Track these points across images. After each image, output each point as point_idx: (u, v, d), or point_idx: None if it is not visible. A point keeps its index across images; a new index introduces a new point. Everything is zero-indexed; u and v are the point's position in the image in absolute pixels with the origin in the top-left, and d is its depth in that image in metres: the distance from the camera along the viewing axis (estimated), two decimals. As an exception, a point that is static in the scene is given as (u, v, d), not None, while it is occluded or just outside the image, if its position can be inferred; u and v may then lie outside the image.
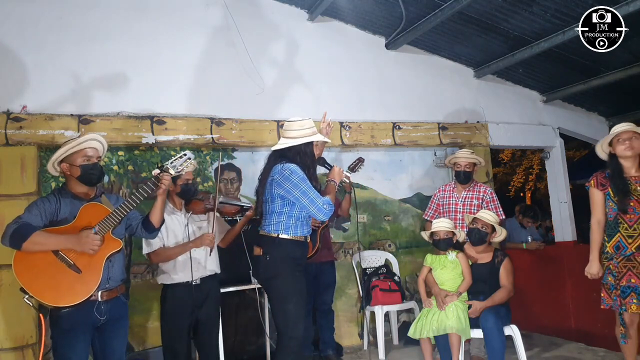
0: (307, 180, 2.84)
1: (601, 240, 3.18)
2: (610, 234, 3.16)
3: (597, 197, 3.20)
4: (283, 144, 2.95)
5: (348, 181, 3.39)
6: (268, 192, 2.92)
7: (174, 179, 3.25)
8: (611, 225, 3.16)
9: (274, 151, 3.01)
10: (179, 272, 3.25)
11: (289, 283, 2.84)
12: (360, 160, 4.02)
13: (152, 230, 2.85)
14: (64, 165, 2.62)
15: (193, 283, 3.23)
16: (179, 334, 3.24)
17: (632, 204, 3.06)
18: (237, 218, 3.82)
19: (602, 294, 3.19)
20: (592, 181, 3.23)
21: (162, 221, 2.89)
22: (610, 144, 3.21)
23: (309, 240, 3.03)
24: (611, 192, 3.14)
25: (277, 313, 2.87)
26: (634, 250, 3.05)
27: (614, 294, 3.10)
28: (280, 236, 2.86)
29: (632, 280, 3.02)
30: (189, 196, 3.34)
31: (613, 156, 3.21)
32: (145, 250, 3.25)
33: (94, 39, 4.16)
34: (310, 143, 2.96)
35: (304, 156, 2.93)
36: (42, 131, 3.89)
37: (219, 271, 3.44)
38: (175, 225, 3.32)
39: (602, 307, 3.18)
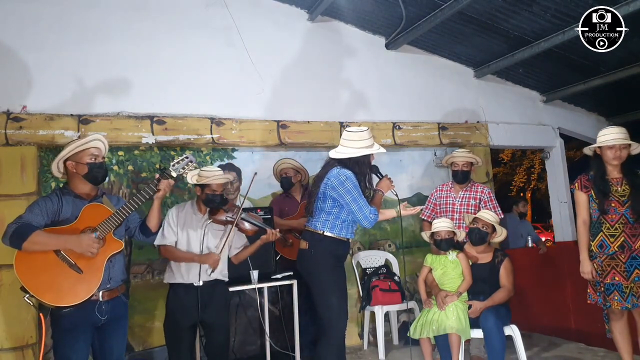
0: (359, 188, 3.00)
1: (588, 240, 3.28)
2: (594, 233, 3.27)
3: (581, 198, 3.32)
4: (343, 152, 3.09)
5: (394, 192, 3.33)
6: (322, 191, 3.09)
7: (202, 186, 3.28)
8: (595, 225, 3.27)
9: (333, 159, 3.14)
10: (183, 273, 3.27)
11: (331, 278, 3.02)
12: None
13: (149, 235, 2.87)
14: (70, 163, 2.63)
15: (196, 284, 3.23)
16: (179, 334, 3.25)
17: (613, 204, 3.19)
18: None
19: (588, 290, 3.33)
20: (576, 184, 3.35)
21: (160, 225, 2.89)
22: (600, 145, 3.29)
23: (349, 242, 3.18)
24: (593, 194, 3.25)
25: (321, 307, 3.03)
26: (616, 249, 3.17)
27: (598, 290, 3.24)
28: (325, 233, 3.04)
29: (616, 278, 3.14)
30: (213, 205, 3.35)
31: (598, 156, 3.30)
32: (158, 241, 3.22)
33: (94, 39, 4.16)
34: (367, 155, 3.10)
35: (362, 165, 3.09)
36: (42, 131, 3.89)
37: (226, 279, 3.44)
38: (193, 227, 3.35)
39: (588, 302, 3.33)
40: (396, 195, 3.24)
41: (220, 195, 3.35)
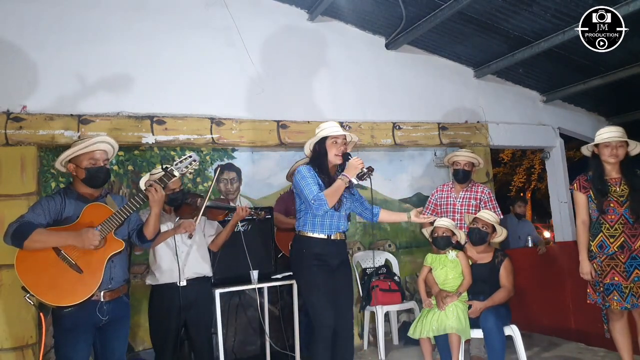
0: (308, 178, 2.99)
1: (587, 241, 3.29)
2: (594, 233, 3.27)
3: (580, 199, 3.32)
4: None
5: (356, 182, 3.10)
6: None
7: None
8: (594, 225, 3.27)
9: None
10: (164, 273, 3.26)
11: (309, 276, 3.03)
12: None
13: (145, 241, 2.83)
14: (71, 165, 2.65)
15: (179, 285, 3.23)
16: (165, 335, 3.24)
17: (612, 205, 3.19)
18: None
19: (588, 290, 3.34)
20: (575, 184, 3.36)
21: (158, 232, 2.87)
22: (597, 144, 3.29)
23: (336, 239, 3.11)
24: (592, 195, 3.26)
25: (306, 305, 3.14)
26: (616, 250, 3.17)
27: (598, 291, 3.25)
28: (300, 233, 3.10)
29: (616, 278, 3.15)
30: (177, 203, 3.36)
31: (596, 156, 3.30)
32: None
33: (94, 39, 4.16)
34: (322, 143, 3.13)
35: (317, 157, 3.15)
36: (42, 131, 3.89)
37: (209, 274, 3.43)
38: (163, 229, 3.31)
39: (588, 302, 3.33)
40: (368, 176, 3.01)
41: (180, 192, 3.36)
